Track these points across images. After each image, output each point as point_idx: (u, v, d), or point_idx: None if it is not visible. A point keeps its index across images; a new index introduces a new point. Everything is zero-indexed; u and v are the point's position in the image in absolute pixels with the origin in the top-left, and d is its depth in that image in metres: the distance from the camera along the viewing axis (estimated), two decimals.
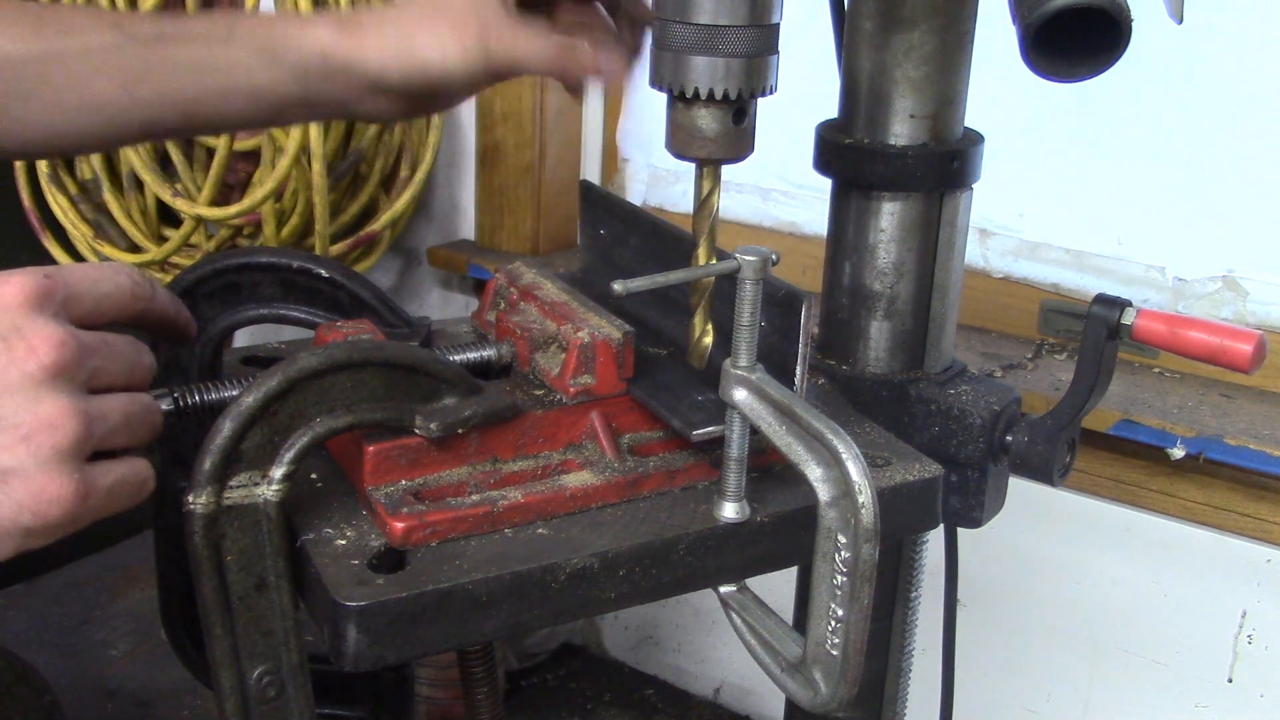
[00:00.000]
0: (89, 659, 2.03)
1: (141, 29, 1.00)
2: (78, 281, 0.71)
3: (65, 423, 0.67)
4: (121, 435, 0.71)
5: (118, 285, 0.74)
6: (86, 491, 0.68)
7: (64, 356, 0.68)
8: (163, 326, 0.81)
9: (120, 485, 0.71)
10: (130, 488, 0.72)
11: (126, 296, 0.75)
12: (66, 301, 0.70)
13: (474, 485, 0.81)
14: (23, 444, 0.66)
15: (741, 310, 0.78)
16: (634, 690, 2.27)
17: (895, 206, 0.99)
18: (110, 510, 0.71)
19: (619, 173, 2.28)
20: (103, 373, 0.71)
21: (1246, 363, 0.92)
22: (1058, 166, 1.84)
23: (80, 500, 0.68)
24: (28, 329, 0.67)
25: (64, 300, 0.70)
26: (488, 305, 0.97)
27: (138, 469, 0.73)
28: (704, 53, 0.78)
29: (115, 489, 0.71)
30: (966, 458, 1.00)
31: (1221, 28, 1.66)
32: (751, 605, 0.83)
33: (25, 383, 0.66)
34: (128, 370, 0.73)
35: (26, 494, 0.66)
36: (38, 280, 0.69)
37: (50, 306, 0.69)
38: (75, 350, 0.68)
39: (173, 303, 0.81)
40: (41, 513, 0.67)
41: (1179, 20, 0.88)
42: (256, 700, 0.77)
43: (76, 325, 0.70)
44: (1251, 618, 1.66)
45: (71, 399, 0.68)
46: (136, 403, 0.73)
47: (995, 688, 1.87)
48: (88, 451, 0.69)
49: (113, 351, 0.72)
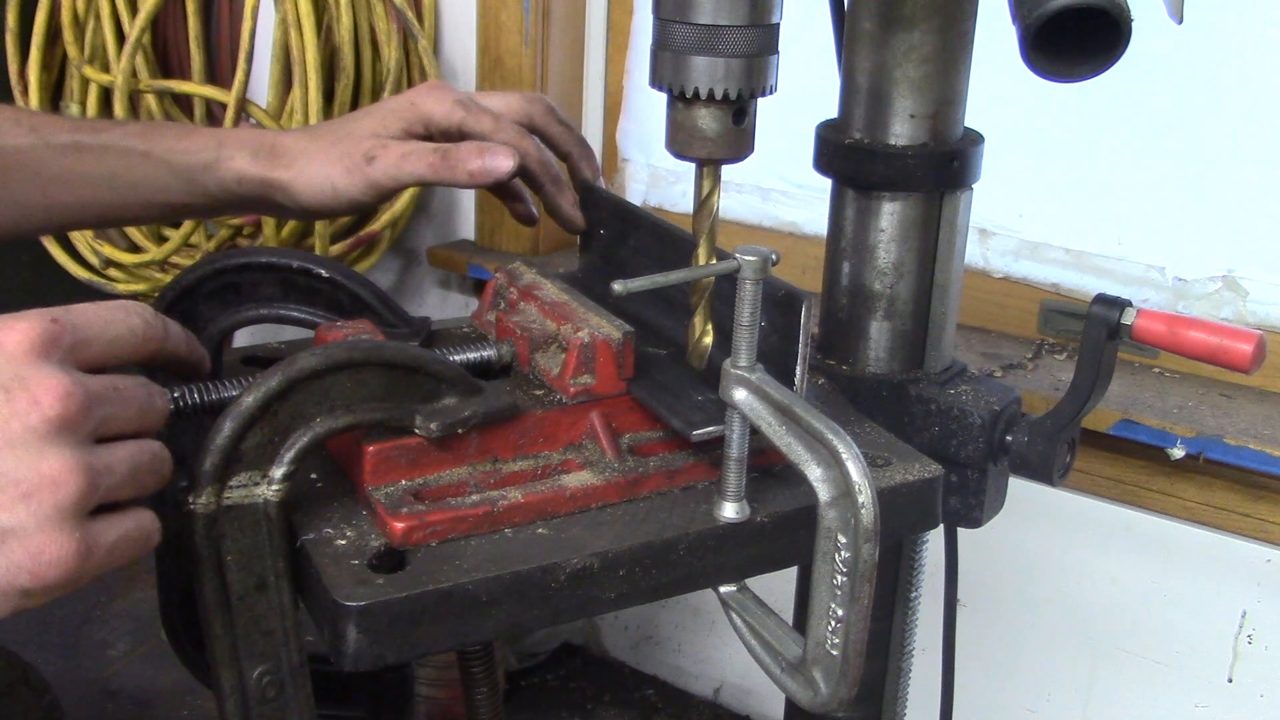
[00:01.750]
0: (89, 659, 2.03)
1: (58, 136, 1.06)
2: (86, 325, 0.69)
3: (68, 480, 0.64)
4: (128, 488, 0.69)
5: (129, 328, 0.72)
6: (88, 551, 0.65)
7: (69, 408, 0.65)
8: (176, 366, 0.79)
9: (123, 541, 0.68)
10: (133, 543, 0.69)
11: (138, 339, 0.72)
12: (74, 347, 0.68)
13: (474, 485, 0.81)
14: (23, 502, 0.63)
15: (741, 310, 0.78)
16: (634, 690, 2.27)
17: (895, 206, 0.99)
18: (112, 566, 0.68)
19: (619, 173, 2.28)
20: (112, 420, 0.68)
21: (1246, 363, 0.92)
22: (1058, 166, 1.84)
23: (80, 560, 0.65)
24: (32, 379, 0.64)
25: (71, 346, 0.67)
26: (488, 305, 0.97)
27: (142, 522, 0.70)
28: (704, 53, 0.78)
29: (118, 546, 0.68)
30: (966, 458, 1.00)
31: (1221, 28, 1.66)
32: (751, 605, 0.83)
33: (28, 436, 0.64)
34: (138, 416, 0.70)
35: (24, 555, 0.63)
36: (44, 325, 0.66)
37: (57, 353, 0.66)
38: (81, 401, 0.65)
39: (186, 340, 0.78)
40: (40, 574, 0.64)
41: (1179, 20, 0.88)
42: (256, 700, 0.77)
43: (85, 370, 0.68)
44: (1251, 618, 1.66)
45: (76, 453, 0.65)
46: (145, 452, 0.70)
47: (995, 688, 1.87)
48: (90, 507, 0.66)
49: (122, 397, 0.69)
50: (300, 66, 2.06)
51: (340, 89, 2.11)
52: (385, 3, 2.12)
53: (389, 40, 2.12)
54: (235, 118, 2.11)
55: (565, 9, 2.16)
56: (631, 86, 2.23)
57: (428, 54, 2.14)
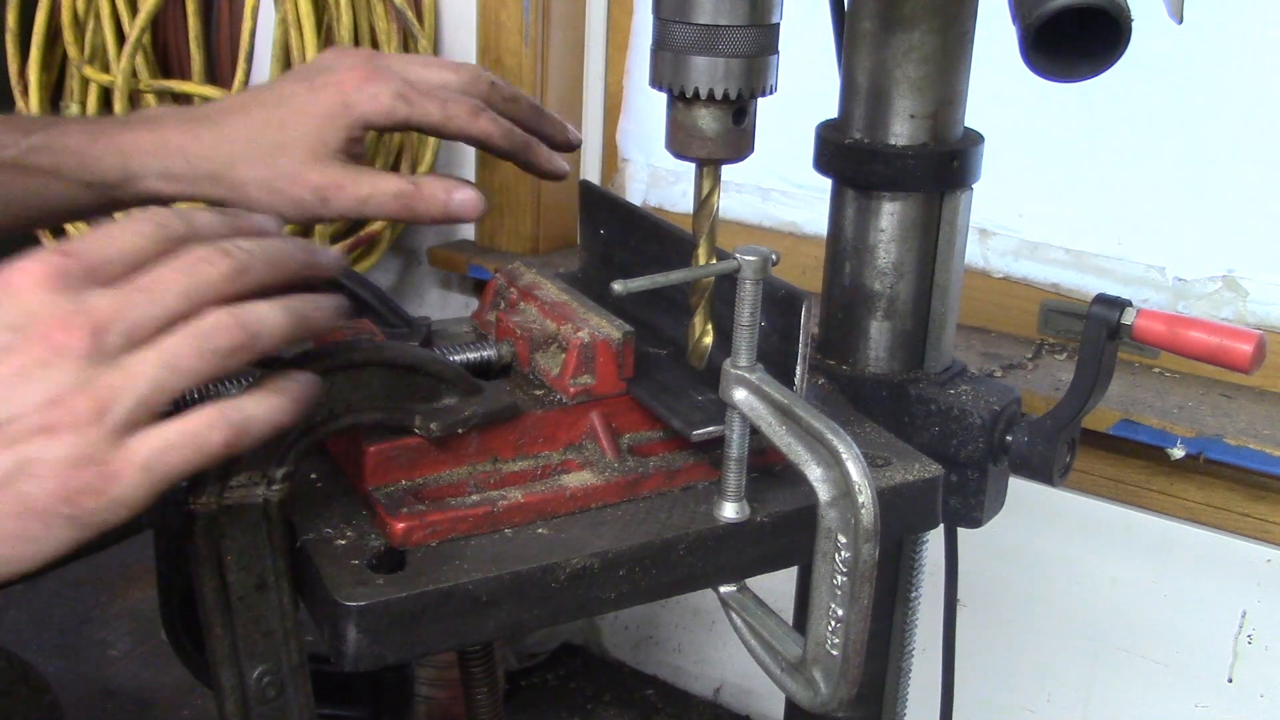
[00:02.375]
0: (89, 659, 2.03)
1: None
2: (94, 247, 0.67)
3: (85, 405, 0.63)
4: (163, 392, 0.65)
5: (139, 234, 0.68)
6: (114, 474, 0.64)
7: (81, 336, 0.64)
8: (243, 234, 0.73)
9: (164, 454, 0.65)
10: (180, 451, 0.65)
11: (154, 240, 0.69)
12: (89, 273, 0.66)
13: (474, 485, 0.81)
14: (44, 434, 0.63)
15: (741, 310, 0.78)
16: (634, 690, 2.27)
17: (895, 206, 0.99)
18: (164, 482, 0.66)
19: (619, 173, 2.28)
20: (143, 324, 0.65)
21: (1246, 363, 0.92)
22: (1058, 166, 1.84)
23: (112, 482, 0.64)
24: (42, 314, 0.64)
25: (85, 273, 0.66)
26: (488, 305, 0.97)
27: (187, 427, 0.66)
28: (704, 53, 0.78)
29: (155, 462, 0.65)
30: (966, 458, 1.00)
31: (1221, 28, 1.66)
32: (751, 605, 0.83)
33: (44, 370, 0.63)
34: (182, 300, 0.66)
35: (56, 484, 0.63)
36: (51, 259, 0.66)
37: (68, 284, 0.65)
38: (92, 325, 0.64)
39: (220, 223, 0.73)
40: (77, 503, 0.63)
41: (1179, 20, 0.89)
42: (256, 700, 0.77)
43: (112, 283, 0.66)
44: (1251, 618, 1.66)
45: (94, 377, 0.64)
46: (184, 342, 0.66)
47: (995, 688, 1.87)
48: (121, 426, 0.64)
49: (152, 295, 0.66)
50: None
51: None
52: (385, 3, 2.12)
53: (389, 40, 2.12)
54: None
55: (565, 9, 2.16)
56: (631, 86, 2.23)
57: (428, 54, 2.13)
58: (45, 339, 0.64)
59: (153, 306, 0.66)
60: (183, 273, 0.67)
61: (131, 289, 0.66)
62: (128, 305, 0.66)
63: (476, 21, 2.16)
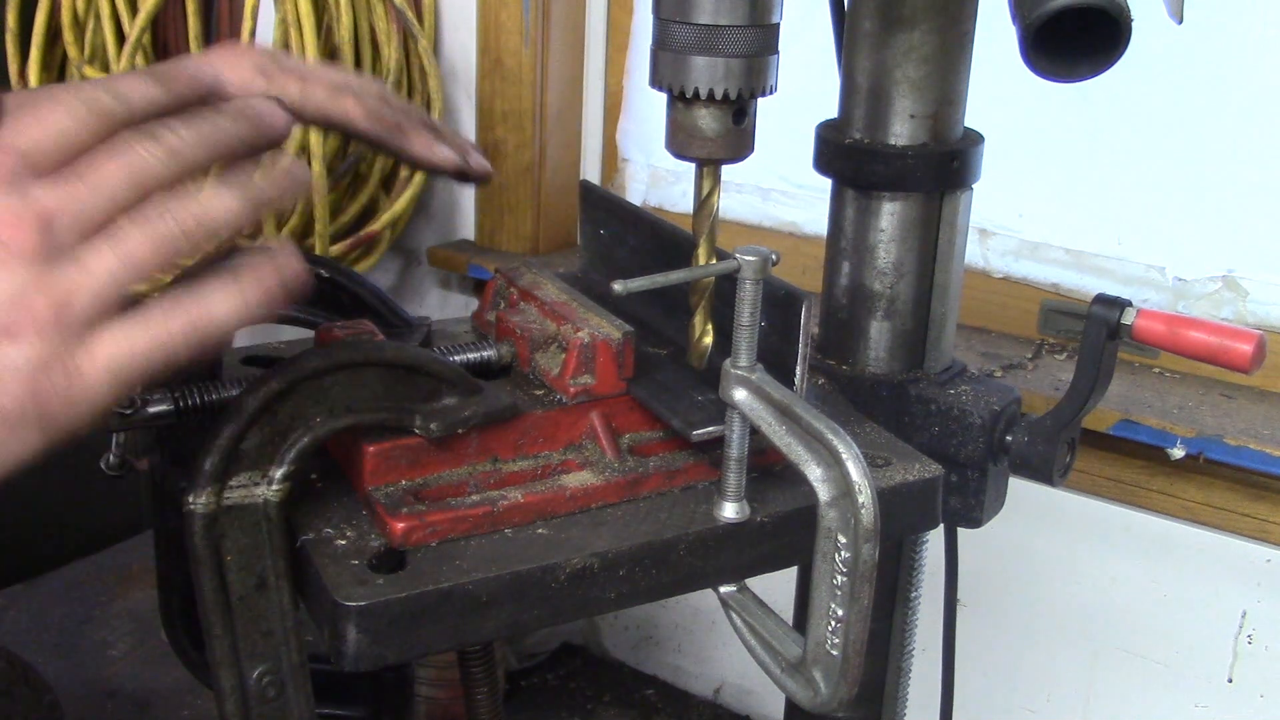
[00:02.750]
0: (89, 659, 2.03)
1: None
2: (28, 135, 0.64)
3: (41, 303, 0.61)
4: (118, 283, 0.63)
5: (73, 115, 0.65)
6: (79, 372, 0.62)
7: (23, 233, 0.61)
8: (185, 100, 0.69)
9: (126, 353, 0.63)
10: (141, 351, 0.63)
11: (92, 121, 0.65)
12: (25, 163, 0.63)
13: (474, 485, 0.81)
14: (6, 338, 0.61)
15: (741, 310, 0.78)
16: (634, 690, 2.27)
17: (895, 206, 0.99)
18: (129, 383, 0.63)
19: (619, 173, 2.28)
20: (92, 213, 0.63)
21: (1246, 363, 0.92)
22: (1058, 166, 1.84)
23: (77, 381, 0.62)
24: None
25: (22, 164, 0.63)
26: (488, 305, 0.97)
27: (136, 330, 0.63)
28: (704, 53, 0.78)
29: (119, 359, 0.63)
30: (966, 458, 1.00)
31: (1221, 28, 1.66)
32: (751, 605, 0.83)
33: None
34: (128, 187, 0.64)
35: (21, 389, 0.61)
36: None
37: (9, 179, 0.62)
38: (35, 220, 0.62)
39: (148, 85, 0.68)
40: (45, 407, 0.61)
41: (1179, 20, 0.89)
42: (256, 700, 0.77)
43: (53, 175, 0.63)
44: (1251, 618, 1.66)
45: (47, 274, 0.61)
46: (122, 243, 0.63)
47: (995, 688, 1.87)
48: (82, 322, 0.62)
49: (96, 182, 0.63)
50: None
51: None
52: (385, 3, 2.12)
53: (389, 40, 2.12)
54: None
55: (565, 9, 2.16)
56: (631, 86, 2.23)
57: (428, 54, 2.14)
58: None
59: (98, 198, 0.64)
60: (121, 160, 0.65)
61: (74, 180, 0.64)
62: (72, 198, 0.63)
63: (476, 21, 2.16)
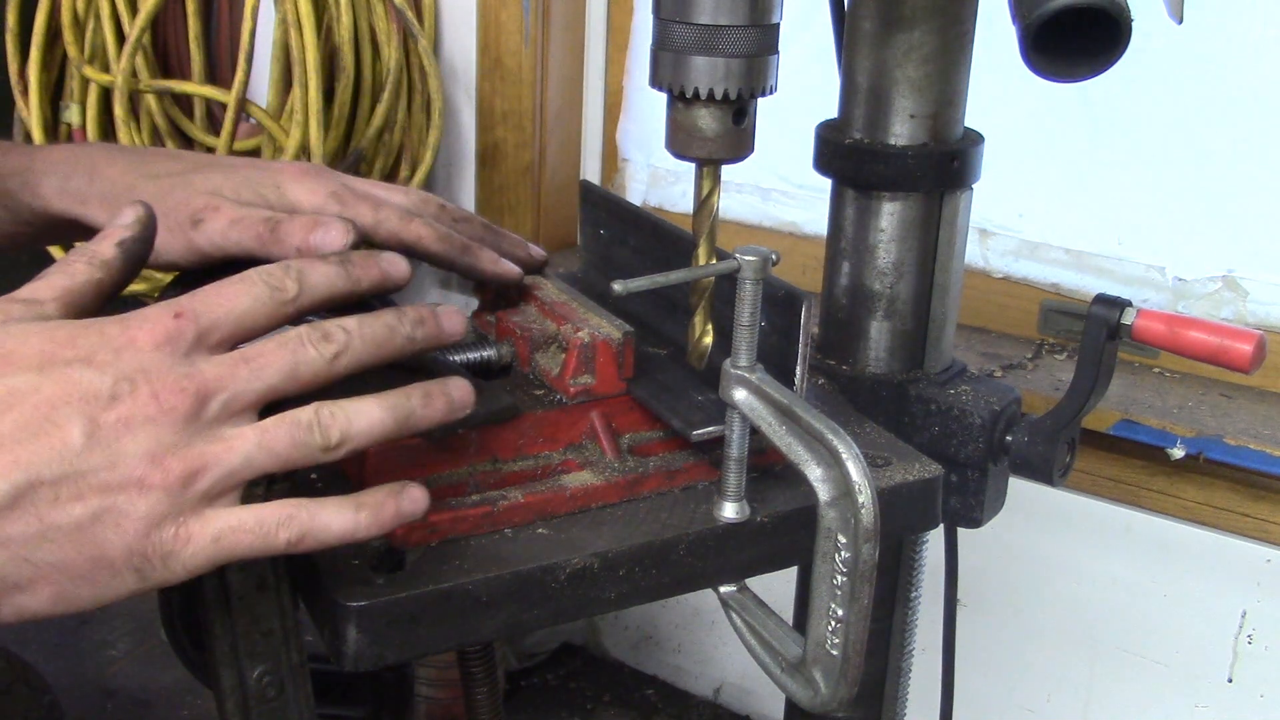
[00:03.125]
0: (89, 659, 2.03)
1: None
2: (208, 310, 0.69)
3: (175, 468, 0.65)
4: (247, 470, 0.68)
5: (254, 299, 0.70)
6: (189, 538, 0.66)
7: (184, 400, 0.66)
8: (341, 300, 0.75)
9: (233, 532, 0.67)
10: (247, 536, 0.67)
11: (269, 306, 0.71)
12: (201, 336, 0.68)
13: (474, 485, 0.81)
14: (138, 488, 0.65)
15: (741, 310, 0.78)
16: (634, 690, 2.27)
17: (895, 206, 0.99)
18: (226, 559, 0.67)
19: (619, 173, 2.28)
20: (241, 396, 0.68)
21: (1246, 363, 0.92)
22: (1058, 166, 1.84)
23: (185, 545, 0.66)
24: (154, 372, 0.66)
25: (197, 336, 0.68)
26: (488, 305, 0.97)
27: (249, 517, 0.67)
28: (704, 53, 0.78)
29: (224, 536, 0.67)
30: (966, 458, 1.00)
31: (1221, 28, 1.66)
32: (751, 605, 0.83)
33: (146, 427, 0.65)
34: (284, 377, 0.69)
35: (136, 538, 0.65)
36: (168, 321, 0.68)
37: (184, 347, 0.68)
38: (196, 391, 0.66)
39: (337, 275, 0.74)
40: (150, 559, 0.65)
41: (1179, 20, 0.88)
42: (256, 700, 0.77)
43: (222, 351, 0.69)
44: (1251, 618, 1.66)
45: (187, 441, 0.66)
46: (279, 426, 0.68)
47: (995, 688, 1.87)
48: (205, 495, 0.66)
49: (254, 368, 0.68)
50: (300, 66, 2.05)
51: (340, 89, 2.11)
52: (385, 3, 2.12)
53: (389, 40, 2.12)
54: (235, 117, 2.11)
55: (565, 9, 2.16)
56: (631, 86, 2.23)
57: (427, 54, 2.14)
58: (155, 396, 0.66)
59: (255, 381, 0.68)
60: (286, 352, 0.69)
61: (238, 360, 0.68)
62: (233, 376, 0.68)
63: (476, 21, 2.16)
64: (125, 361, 0.66)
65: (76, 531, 0.64)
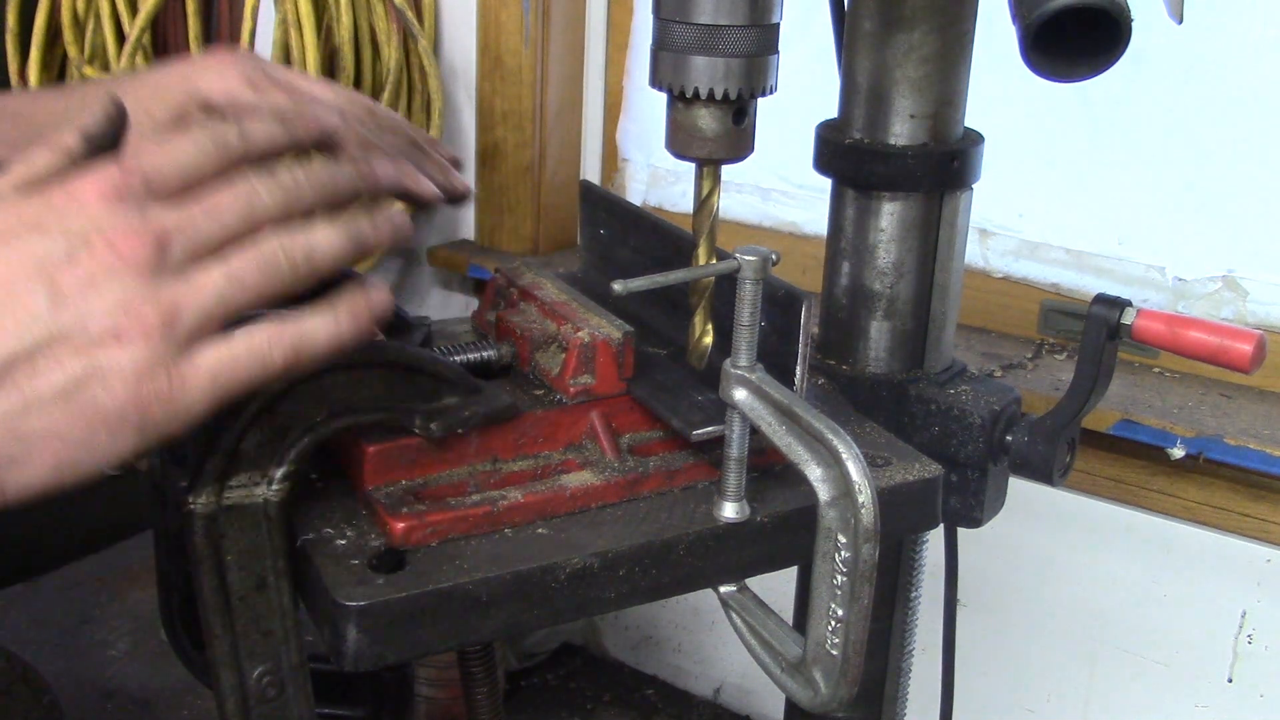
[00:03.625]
0: (89, 659, 2.03)
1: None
2: (154, 161, 0.68)
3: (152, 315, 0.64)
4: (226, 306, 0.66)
5: (199, 147, 0.69)
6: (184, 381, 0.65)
7: (145, 249, 0.65)
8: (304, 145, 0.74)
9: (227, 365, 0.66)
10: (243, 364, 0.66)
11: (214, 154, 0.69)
12: (148, 185, 0.67)
13: (474, 485, 0.81)
14: (116, 342, 0.63)
15: (741, 310, 0.78)
16: (634, 690, 2.27)
17: (895, 206, 0.99)
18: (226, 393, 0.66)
19: (619, 173, 2.28)
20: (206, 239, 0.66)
21: (1246, 363, 0.92)
22: (1058, 166, 1.84)
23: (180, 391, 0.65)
24: (108, 226, 0.65)
25: (145, 185, 0.67)
26: (488, 305, 0.97)
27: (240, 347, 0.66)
28: (704, 53, 0.78)
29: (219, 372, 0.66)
30: (966, 458, 1.00)
31: (1221, 28, 1.66)
32: (751, 605, 0.83)
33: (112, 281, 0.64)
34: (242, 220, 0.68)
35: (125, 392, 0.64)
36: (112, 175, 0.66)
37: (132, 197, 0.66)
38: (155, 238, 0.65)
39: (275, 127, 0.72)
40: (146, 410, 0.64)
41: (1179, 20, 0.88)
42: (256, 700, 0.77)
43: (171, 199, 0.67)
44: (1251, 618, 1.66)
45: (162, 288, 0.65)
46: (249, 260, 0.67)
47: (995, 688, 1.87)
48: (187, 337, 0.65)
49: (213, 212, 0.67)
50: (300, 66, 2.05)
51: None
52: (385, 3, 2.12)
53: (389, 40, 2.12)
54: None
55: (565, 9, 2.16)
56: (631, 86, 2.23)
57: (428, 54, 2.14)
58: (111, 248, 0.65)
59: (211, 223, 0.67)
60: (239, 198, 0.68)
61: (191, 204, 0.67)
62: (189, 219, 0.67)
63: (476, 21, 2.16)
64: (75, 220, 0.65)
65: (63, 398, 0.63)
